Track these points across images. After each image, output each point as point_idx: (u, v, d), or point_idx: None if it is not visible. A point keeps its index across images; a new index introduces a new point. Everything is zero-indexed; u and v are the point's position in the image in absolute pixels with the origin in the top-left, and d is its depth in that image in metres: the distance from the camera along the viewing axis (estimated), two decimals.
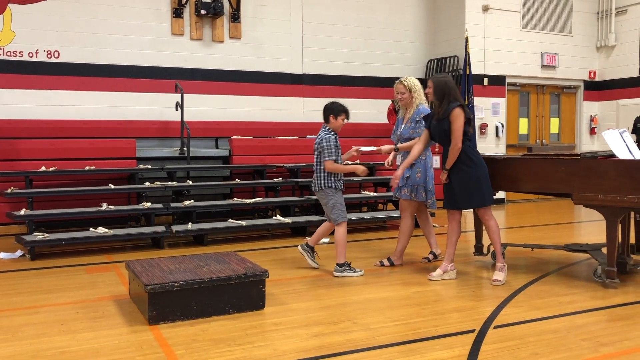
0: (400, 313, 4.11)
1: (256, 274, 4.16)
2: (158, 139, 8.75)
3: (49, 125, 8.09)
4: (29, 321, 3.94)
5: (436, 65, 10.87)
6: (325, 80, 10.23)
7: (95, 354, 3.33)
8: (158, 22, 8.98)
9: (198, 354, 3.33)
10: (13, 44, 8.14)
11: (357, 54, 10.47)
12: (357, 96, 10.42)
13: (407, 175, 5.44)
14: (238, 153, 8.83)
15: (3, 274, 5.44)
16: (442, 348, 3.40)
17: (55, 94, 8.37)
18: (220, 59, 9.40)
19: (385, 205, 9.15)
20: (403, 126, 5.54)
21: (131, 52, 8.81)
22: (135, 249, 6.56)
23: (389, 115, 9.69)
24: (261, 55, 9.71)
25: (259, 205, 8.05)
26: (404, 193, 5.52)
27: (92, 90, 8.58)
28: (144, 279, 3.92)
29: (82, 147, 7.98)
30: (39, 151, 7.72)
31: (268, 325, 3.86)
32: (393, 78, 10.61)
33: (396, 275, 5.24)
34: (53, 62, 8.36)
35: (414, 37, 11.02)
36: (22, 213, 6.60)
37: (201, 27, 9.24)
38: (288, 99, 9.97)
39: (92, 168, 7.66)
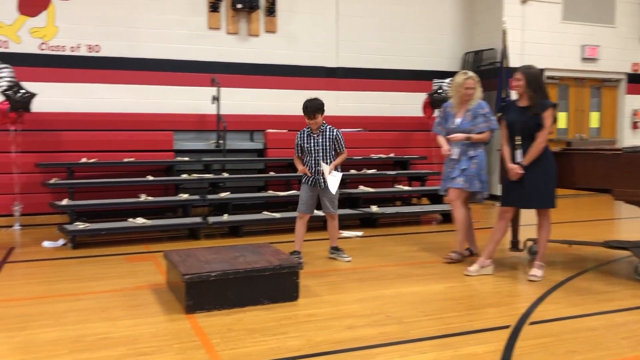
0: (434, 307, 4.10)
1: (290, 265, 4.21)
2: (195, 131, 8.88)
3: (90, 118, 8.30)
4: (72, 308, 4.07)
5: (473, 58, 10.71)
6: (360, 73, 10.20)
7: (134, 341, 3.42)
8: (195, 16, 9.09)
9: (233, 343, 3.39)
10: (56, 39, 8.36)
11: (392, 46, 10.40)
12: (392, 89, 10.37)
13: (464, 167, 5.36)
14: (273, 146, 8.90)
15: (46, 262, 5.63)
16: (477, 343, 3.39)
17: (96, 87, 8.57)
18: (255, 52, 9.47)
19: (419, 200, 9.10)
20: (460, 120, 5.39)
21: (169, 46, 8.95)
22: (173, 240, 6.70)
23: (425, 108, 9.61)
24: (296, 48, 9.74)
25: (293, 198, 8.09)
26: (458, 182, 5.39)
27: (131, 83, 8.76)
28: (181, 269, 4.01)
29: (122, 139, 8.17)
30: (80, 143, 7.93)
31: (302, 316, 3.90)
32: (428, 71, 10.62)
33: (430, 269, 5.22)
34: (94, 56, 8.56)
35: (450, 29, 10.88)
36: (64, 203, 6.80)
37: (237, 21, 9.32)
38: (322, 92, 9.95)
39: (131, 160, 7.84)
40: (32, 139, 7.63)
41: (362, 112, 10.07)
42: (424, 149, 9.75)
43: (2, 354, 3.23)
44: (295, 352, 3.26)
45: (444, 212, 8.03)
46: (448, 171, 5.48)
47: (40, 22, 8.28)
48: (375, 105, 10.25)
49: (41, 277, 5.04)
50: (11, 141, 7.32)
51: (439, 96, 9.34)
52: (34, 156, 7.56)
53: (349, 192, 8.02)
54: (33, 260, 5.70)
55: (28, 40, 8.21)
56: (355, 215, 7.59)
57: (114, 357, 3.18)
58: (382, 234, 7.04)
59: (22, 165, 7.44)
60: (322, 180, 5.36)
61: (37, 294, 4.47)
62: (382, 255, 5.82)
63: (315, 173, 5.37)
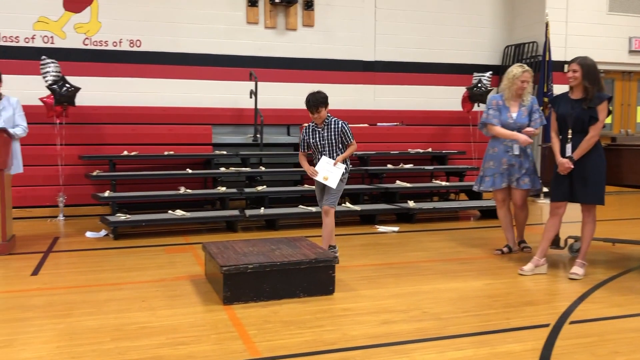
0: (472, 304, 4.06)
1: (326, 259, 4.22)
2: (233, 125, 8.98)
3: (131, 112, 8.47)
4: (113, 297, 4.18)
5: (514, 51, 10.50)
6: (398, 67, 10.12)
7: (173, 331, 3.49)
8: (233, 11, 9.17)
9: (270, 334, 3.43)
10: (99, 34, 8.56)
11: (431, 40, 10.28)
12: (430, 83, 10.26)
13: (527, 166, 5.29)
14: None
15: (89, 252, 5.79)
16: (515, 341, 3.33)
17: (137, 81, 8.74)
18: (293, 47, 9.49)
19: (457, 195, 8.99)
20: (516, 114, 5.31)
21: (208, 40, 9.05)
22: (211, 232, 6.80)
23: (464, 103, 9.48)
24: (333, 42, 9.72)
25: None
26: (525, 183, 5.32)
27: (171, 78, 8.90)
28: (219, 261, 4.06)
29: (162, 132, 8.32)
30: (121, 136, 8.12)
31: (337, 310, 3.91)
32: (467, 65, 10.46)
33: (467, 266, 5.16)
34: (135, 51, 8.73)
35: (490, 22, 10.68)
36: (106, 195, 6.98)
37: (275, 16, 9.36)
38: (359, 86, 9.95)
39: (171, 153, 7.98)
40: (76, 132, 7.84)
41: (400, 106, 9.99)
42: (462, 143, 9.62)
43: (48, 339, 3.35)
44: (331, 345, 3.27)
45: (483, 209, 7.92)
46: (505, 168, 5.35)
47: (84, 17, 8.49)
48: (413, 99, 10.16)
49: (84, 266, 5.19)
50: (56, 134, 7.54)
51: (478, 90, 9.19)
52: (77, 149, 7.78)
53: (385, 186, 7.98)
54: (76, 250, 5.87)
55: (72, 36, 8.43)
56: (391, 210, 7.56)
57: (154, 345, 3.25)
58: (418, 229, 6.99)
59: (67, 157, 7.66)
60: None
61: (80, 282, 4.60)
62: (419, 251, 5.78)
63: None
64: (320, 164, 5.21)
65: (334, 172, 5.16)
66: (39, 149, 7.56)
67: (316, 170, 5.19)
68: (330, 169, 5.15)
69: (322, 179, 5.14)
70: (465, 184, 8.74)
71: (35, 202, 7.64)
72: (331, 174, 5.16)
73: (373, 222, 7.26)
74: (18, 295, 4.22)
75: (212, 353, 3.15)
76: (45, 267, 5.08)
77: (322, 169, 5.19)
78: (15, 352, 3.16)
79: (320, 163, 5.21)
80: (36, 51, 8.01)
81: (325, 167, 5.19)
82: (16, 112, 6.04)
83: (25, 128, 6.10)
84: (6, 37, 8.14)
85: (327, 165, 5.18)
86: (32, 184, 7.54)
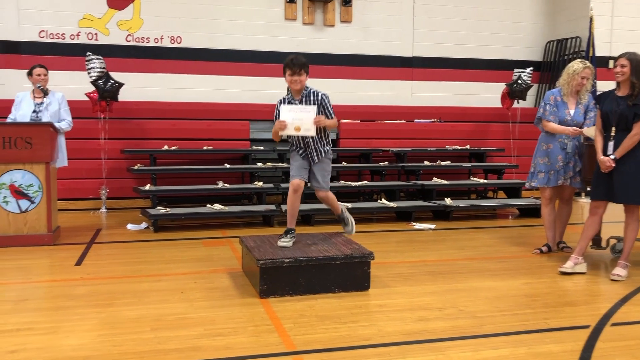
0: (509, 303, 4.01)
1: (362, 255, 4.23)
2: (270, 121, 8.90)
3: (171, 107, 8.64)
4: (153, 288, 4.28)
5: (555, 47, 10.27)
6: (436, 62, 10.02)
7: (211, 322, 3.56)
8: (272, 7, 9.24)
9: (305, 328, 3.46)
10: (141, 31, 8.75)
11: (470, 35, 10.14)
12: (469, 79, 10.13)
13: (581, 165, 5.24)
14: (345, 136, 8.93)
15: (130, 244, 5.94)
16: (553, 342, 3.28)
17: (177, 77, 8.90)
18: (330, 43, 9.50)
19: (495, 193, 8.86)
20: (573, 111, 5.22)
21: (246, 37, 9.15)
22: (248, 226, 6.88)
23: (503, 99, 9.33)
24: (371, 38, 9.70)
25: (364, 189, 8.12)
26: (576, 182, 5.28)
27: (210, 74, 9.03)
28: (256, 254, 4.12)
29: (201, 128, 8.46)
30: (162, 131, 8.29)
31: (372, 306, 3.92)
32: (507, 60, 10.29)
33: (505, 264, 5.09)
34: (176, 47, 8.89)
35: (531, 17, 10.47)
36: (147, 188, 7.14)
37: (313, 12, 9.39)
38: (396, 82, 9.89)
39: (210, 148, 8.11)
40: (118, 126, 8.04)
41: (438, 102, 9.90)
42: (501, 140, 9.48)
43: (91, 327, 3.46)
44: (366, 340, 3.28)
45: (522, 207, 7.79)
46: (560, 165, 5.26)
47: (127, 14, 8.68)
48: (451, 96, 10.05)
49: (125, 257, 5.33)
50: (100, 129, 7.74)
51: (518, 87, 9.03)
52: (120, 143, 7.98)
53: (422, 183, 7.93)
54: (118, 241, 6.03)
55: (116, 33, 8.64)
56: (428, 207, 7.50)
57: (192, 336, 3.32)
58: (455, 227, 6.92)
59: (109, 151, 7.87)
60: (311, 151, 4.48)
61: (122, 273, 4.73)
62: (456, 249, 5.73)
63: (305, 146, 4.51)
64: (283, 113, 4.32)
65: (305, 117, 4.29)
66: (83, 143, 7.79)
67: (283, 122, 4.33)
68: (299, 116, 4.29)
69: (294, 131, 4.29)
70: (503, 181, 8.61)
71: (79, 195, 7.87)
72: (302, 121, 4.30)
73: (409, 219, 7.23)
74: (62, 285, 4.37)
75: (249, 345, 3.20)
76: (89, 258, 5.24)
77: (288, 118, 4.30)
78: (59, 339, 3.27)
79: (282, 112, 4.34)
80: (81, 48, 8.24)
81: (291, 115, 4.32)
82: (61, 107, 6.25)
83: (70, 122, 6.30)
84: (53, 34, 8.40)
85: (293, 113, 4.32)
86: (76, 177, 7.77)
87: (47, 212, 5.69)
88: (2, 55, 8.23)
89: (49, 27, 8.38)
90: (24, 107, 6.14)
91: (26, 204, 5.65)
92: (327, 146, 4.58)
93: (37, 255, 5.30)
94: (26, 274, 4.68)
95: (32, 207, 5.65)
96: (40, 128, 5.68)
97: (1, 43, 8.24)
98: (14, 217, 5.62)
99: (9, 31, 8.25)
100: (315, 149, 4.51)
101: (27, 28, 8.30)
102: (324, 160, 4.57)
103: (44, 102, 6.09)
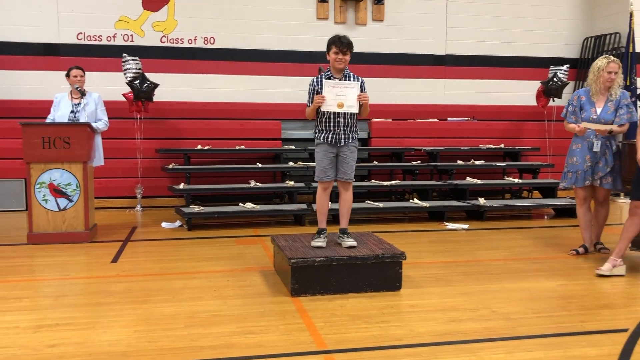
0: (543, 305, 3.94)
1: (393, 255, 4.21)
2: (301, 121, 9.07)
3: (204, 107, 8.75)
4: (187, 285, 4.35)
5: (594, 43, 10.02)
6: (470, 60, 9.90)
7: (243, 319, 3.60)
8: (304, 7, 9.26)
9: (336, 327, 3.47)
10: (175, 32, 8.88)
11: (505, 32, 9.98)
12: (503, 77, 9.97)
13: (612, 164, 5.07)
14: (377, 135, 8.91)
15: (165, 242, 6.04)
16: (589, 345, 3.21)
17: (211, 77, 9.01)
18: (362, 41, 9.45)
19: (530, 193, 8.71)
20: (601, 109, 5.07)
21: (278, 37, 9.19)
22: (279, 225, 6.92)
23: (538, 98, 9.16)
24: (403, 36, 9.63)
25: (396, 188, 8.07)
26: (608, 182, 5.11)
27: (243, 74, 9.11)
28: (287, 253, 4.14)
29: (233, 127, 8.54)
30: (196, 131, 8.40)
31: (404, 306, 3.90)
32: (543, 58, 10.09)
33: (539, 265, 5.00)
34: (209, 48, 9.00)
35: (568, 13, 10.24)
36: (181, 187, 7.25)
37: (345, 11, 9.38)
38: (429, 80, 9.81)
39: (242, 147, 8.19)
40: (153, 126, 8.19)
41: (471, 101, 9.78)
42: (536, 139, 9.31)
43: (127, 323, 3.53)
44: (397, 341, 3.27)
45: (557, 207, 7.64)
46: (588, 166, 5.14)
47: (161, 16, 8.83)
48: (485, 94, 9.92)
49: (159, 255, 5.43)
50: (136, 129, 7.89)
51: (553, 84, 8.86)
52: (155, 142, 8.13)
53: (455, 183, 7.85)
54: (152, 239, 6.14)
55: (150, 34, 8.79)
56: (461, 207, 7.42)
57: (225, 333, 3.36)
58: (489, 227, 6.83)
59: (145, 151, 8.02)
60: (340, 132, 4.30)
61: (156, 270, 4.82)
62: (489, 249, 5.66)
63: (335, 126, 4.34)
64: (326, 88, 4.18)
65: (348, 93, 4.19)
66: (119, 143, 7.95)
67: (323, 97, 4.21)
68: (342, 92, 4.16)
69: (337, 107, 4.20)
70: (539, 181, 8.46)
71: (115, 193, 8.04)
72: (345, 98, 4.18)
73: (442, 219, 7.16)
74: (99, 281, 4.48)
75: (281, 343, 3.22)
76: (124, 255, 5.35)
77: (331, 94, 4.18)
78: (97, 335, 3.35)
79: (325, 87, 4.19)
80: (117, 49, 8.41)
81: (334, 91, 4.18)
82: (98, 107, 6.39)
83: (106, 122, 6.44)
84: (90, 37, 8.59)
85: (337, 89, 4.18)
86: (113, 176, 7.94)
87: (85, 210, 5.83)
88: (42, 57, 8.47)
89: (87, 30, 8.58)
90: (62, 108, 6.30)
91: (64, 203, 5.80)
92: (355, 133, 4.45)
93: (74, 253, 5.44)
94: (64, 271, 4.81)
95: (70, 206, 5.80)
96: (77, 128, 5.83)
97: (41, 45, 8.48)
98: (53, 215, 5.78)
99: (49, 34, 8.48)
100: (344, 131, 4.37)
101: (65, 31, 8.52)
102: (351, 148, 4.43)
103: (82, 103, 6.24)
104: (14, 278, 4.56)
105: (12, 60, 8.39)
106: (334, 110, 4.26)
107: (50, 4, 8.44)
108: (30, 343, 3.21)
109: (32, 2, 8.39)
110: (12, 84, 8.37)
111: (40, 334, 3.34)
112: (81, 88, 6.25)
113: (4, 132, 7.84)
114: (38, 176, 5.72)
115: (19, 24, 8.38)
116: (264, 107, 8.95)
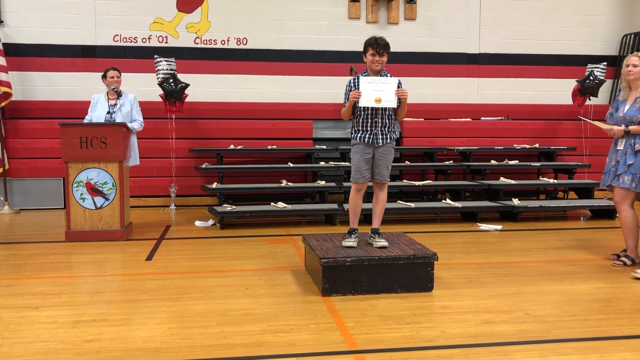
0: (580, 308, 3.86)
1: (425, 256, 4.19)
2: (332, 120, 9.09)
3: (237, 107, 8.83)
4: (219, 283, 4.40)
5: (633, 40, 9.76)
6: (504, 59, 9.75)
7: (274, 318, 3.62)
8: (336, 6, 9.27)
9: (367, 328, 3.46)
10: (209, 33, 8.99)
11: (540, 30, 9.80)
12: (539, 76, 9.80)
13: (631, 162, 4.83)
14: (408, 135, 8.85)
15: (198, 240, 6.12)
16: (627, 350, 3.14)
17: (243, 78, 9.09)
18: (394, 41, 9.31)
19: (566, 194, 8.54)
20: (629, 107, 4.89)
21: (310, 37, 9.22)
22: (310, 224, 6.95)
23: (574, 96, 8.97)
24: (436, 35, 9.55)
25: (428, 188, 8.01)
26: (624, 182, 4.89)
27: (275, 74, 9.17)
28: (318, 253, 4.16)
29: (265, 127, 8.61)
30: (228, 131, 8.49)
31: (436, 307, 3.87)
32: (580, 56, 9.88)
33: (575, 268, 4.90)
34: (242, 48, 9.08)
35: (606, 9, 10.00)
36: (214, 186, 7.33)
37: (377, 10, 9.35)
38: (462, 79, 9.70)
39: (274, 147, 8.24)
40: (187, 126, 8.31)
41: (505, 100, 9.64)
42: (572, 139, 9.12)
43: (161, 320, 3.59)
44: (429, 342, 3.25)
45: (594, 208, 7.47)
46: (612, 165, 5.00)
47: (195, 17, 8.95)
48: (519, 93, 9.76)
49: (193, 253, 5.51)
50: (170, 129, 8.02)
51: (590, 83, 8.66)
52: (188, 142, 8.24)
53: (488, 183, 7.74)
54: (186, 238, 6.23)
55: (184, 35, 8.92)
56: (494, 207, 7.32)
57: (256, 332, 3.39)
58: (523, 228, 6.72)
59: (178, 150, 8.14)
60: (377, 132, 4.29)
61: (190, 268, 4.89)
62: (523, 251, 5.57)
63: (372, 127, 4.33)
64: (363, 84, 4.17)
65: (386, 88, 4.17)
66: (154, 143, 8.09)
67: (359, 92, 4.20)
68: (379, 87, 4.14)
69: (374, 102, 4.17)
70: (575, 181, 8.28)
71: (150, 192, 8.19)
72: (382, 93, 4.17)
73: (475, 219, 7.08)
74: (134, 279, 4.57)
75: (311, 343, 3.24)
76: (159, 253, 5.44)
77: (368, 89, 4.15)
78: (131, 331, 3.42)
79: (362, 84, 4.18)
80: (152, 50, 8.56)
81: (371, 87, 4.15)
82: (133, 108, 6.52)
83: (141, 123, 6.56)
84: (126, 38, 8.77)
85: (373, 84, 4.15)
86: (148, 175, 8.09)
87: (120, 208, 5.95)
88: (80, 59, 8.68)
89: (123, 32, 8.75)
90: (99, 109, 6.45)
91: (101, 201, 5.93)
92: (393, 133, 4.43)
93: (110, 250, 5.55)
94: (101, 268, 4.92)
95: (106, 204, 5.93)
96: (114, 128, 5.95)
97: (79, 48, 8.68)
98: (90, 213, 5.92)
99: (86, 36, 8.68)
100: (382, 131, 4.35)
101: (102, 33, 8.71)
102: (388, 148, 4.41)
103: (118, 104, 6.37)
104: (53, 274, 4.69)
105: (50, 62, 8.62)
106: (371, 106, 4.23)
107: (88, 7, 8.64)
108: (69, 338, 3.30)
109: (70, 5, 8.61)
110: (51, 85, 8.61)
111: (78, 329, 3.43)
112: (117, 89, 6.37)
113: (44, 132, 8.06)
114: (76, 175, 5.87)
115: (58, 27, 8.60)
116: (296, 107, 8.99)
